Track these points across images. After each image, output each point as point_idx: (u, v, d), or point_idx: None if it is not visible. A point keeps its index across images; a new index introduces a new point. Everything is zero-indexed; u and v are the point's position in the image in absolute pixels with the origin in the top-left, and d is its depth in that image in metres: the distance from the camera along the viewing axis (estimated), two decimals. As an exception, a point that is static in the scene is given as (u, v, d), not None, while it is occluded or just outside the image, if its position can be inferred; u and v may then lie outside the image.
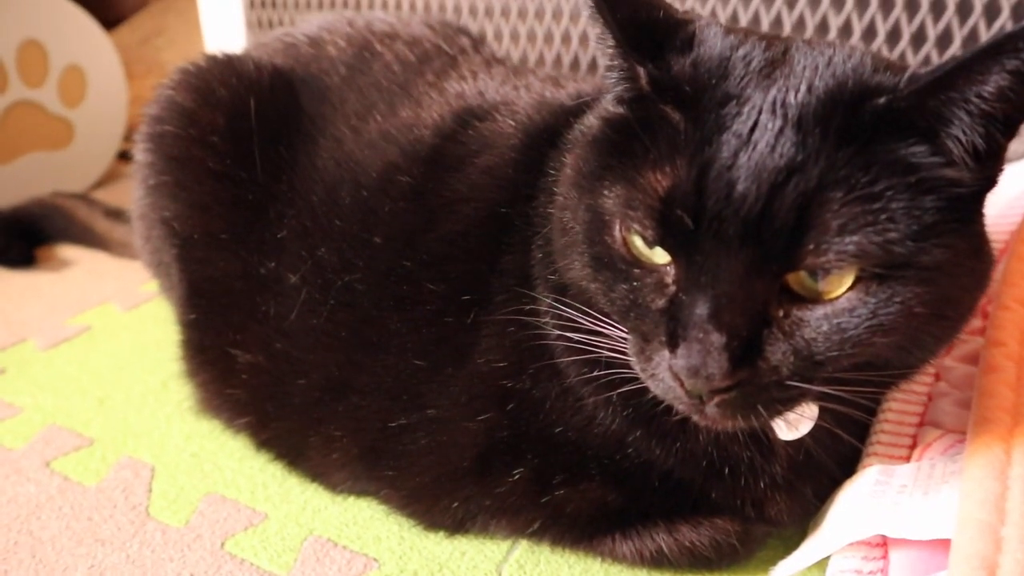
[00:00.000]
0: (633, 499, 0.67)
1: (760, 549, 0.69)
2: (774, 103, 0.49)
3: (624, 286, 0.54)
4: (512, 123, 0.75)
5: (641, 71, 0.53)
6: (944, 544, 0.55)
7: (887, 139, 0.48)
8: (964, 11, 1.04)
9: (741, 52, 0.53)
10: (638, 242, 0.53)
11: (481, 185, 0.72)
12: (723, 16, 1.17)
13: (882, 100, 0.48)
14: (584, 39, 1.27)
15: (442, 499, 0.70)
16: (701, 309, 0.49)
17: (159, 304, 1.11)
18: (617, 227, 0.53)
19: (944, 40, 1.06)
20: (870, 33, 1.09)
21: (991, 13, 1.02)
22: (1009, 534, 0.53)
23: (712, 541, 0.67)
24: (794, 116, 0.48)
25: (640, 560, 0.68)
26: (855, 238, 0.47)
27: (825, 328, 0.49)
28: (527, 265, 0.67)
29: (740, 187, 0.48)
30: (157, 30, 2.15)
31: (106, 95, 1.64)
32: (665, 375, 0.52)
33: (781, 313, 0.50)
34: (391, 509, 0.73)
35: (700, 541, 0.67)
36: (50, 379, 0.98)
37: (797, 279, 0.49)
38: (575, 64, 1.29)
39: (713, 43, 0.53)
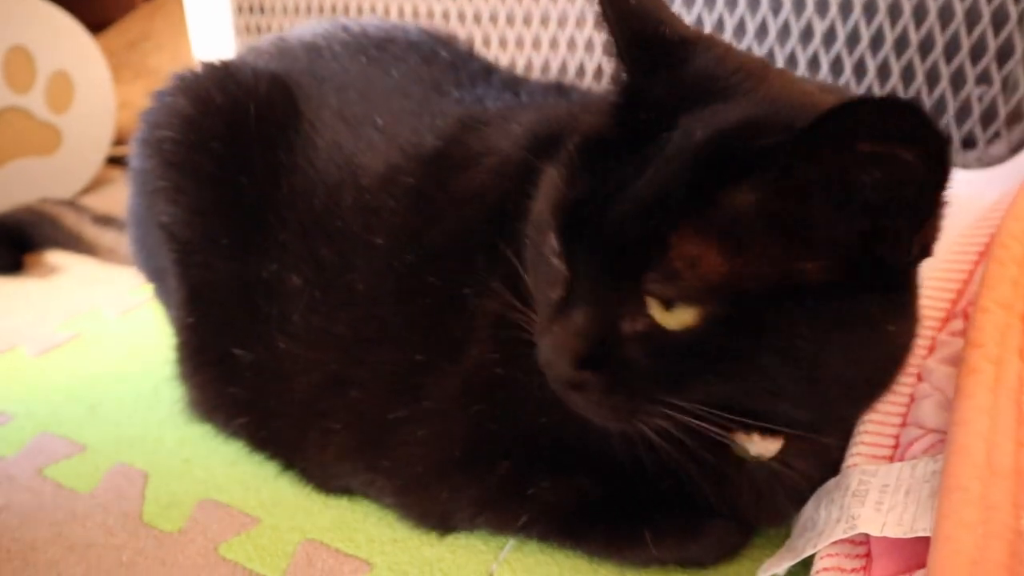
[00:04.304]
0: (618, 495, 0.68)
1: (745, 549, 0.70)
2: (686, 133, 0.50)
3: (541, 273, 0.58)
4: (518, 126, 0.76)
5: (624, 78, 0.55)
6: (926, 542, 0.56)
7: (762, 186, 0.46)
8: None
9: (706, 80, 0.53)
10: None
11: (489, 184, 0.74)
12: (709, 22, 1.19)
13: (761, 144, 0.47)
14: (572, 45, 1.28)
15: (432, 488, 0.71)
16: (564, 311, 0.53)
17: (149, 309, 1.11)
18: (537, 223, 0.57)
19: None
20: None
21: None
22: (990, 532, 0.54)
23: (698, 541, 0.68)
24: (691, 148, 0.49)
25: (625, 559, 0.69)
26: (699, 276, 0.47)
27: (662, 354, 0.51)
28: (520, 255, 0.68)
29: (617, 207, 0.50)
30: (144, 35, 2.15)
31: (93, 100, 1.64)
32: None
33: (632, 331, 0.51)
34: (383, 500, 0.74)
35: (685, 542, 0.68)
36: (41, 386, 0.99)
37: (654, 303, 0.50)
38: (563, 70, 1.31)
39: (694, 67, 0.54)
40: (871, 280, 0.50)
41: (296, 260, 0.77)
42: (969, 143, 1.10)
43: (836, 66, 1.12)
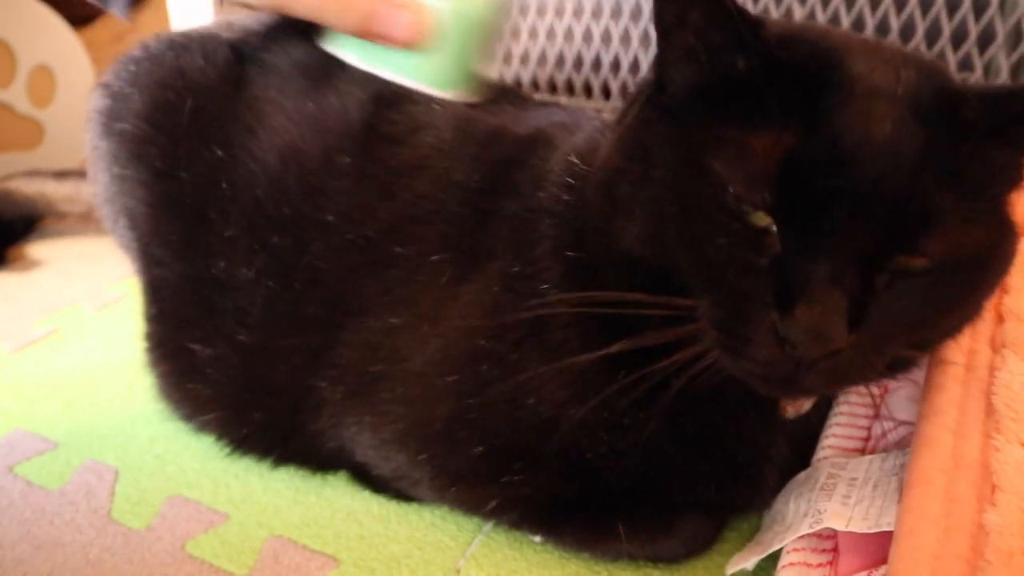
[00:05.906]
0: (592, 490, 0.68)
1: (715, 544, 0.69)
2: (885, 89, 0.51)
3: (722, 241, 0.52)
4: (439, 108, 0.76)
5: (751, 35, 0.53)
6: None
7: (985, 142, 0.52)
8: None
9: (823, 40, 0.55)
10: (743, 203, 0.52)
11: (431, 156, 0.73)
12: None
13: (973, 110, 0.51)
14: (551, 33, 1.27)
15: (410, 447, 0.70)
16: (823, 271, 0.49)
17: (128, 304, 1.11)
18: (718, 185, 0.52)
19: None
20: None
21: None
22: (953, 525, 0.53)
23: (670, 536, 0.68)
24: (909, 105, 0.51)
25: (596, 553, 0.69)
26: (968, 232, 0.51)
27: (917, 302, 0.52)
28: (522, 234, 0.67)
29: (873, 166, 0.49)
30: (130, 28, 2.14)
31: (76, 95, 1.63)
32: (766, 341, 0.51)
33: (884, 283, 0.52)
34: (366, 453, 0.73)
35: (658, 536, 0.68)
36: (17, 382, 0.98)
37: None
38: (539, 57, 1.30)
39: (790, 28, 0.56)
40: None
41: (245, 253, 0.76)
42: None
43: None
